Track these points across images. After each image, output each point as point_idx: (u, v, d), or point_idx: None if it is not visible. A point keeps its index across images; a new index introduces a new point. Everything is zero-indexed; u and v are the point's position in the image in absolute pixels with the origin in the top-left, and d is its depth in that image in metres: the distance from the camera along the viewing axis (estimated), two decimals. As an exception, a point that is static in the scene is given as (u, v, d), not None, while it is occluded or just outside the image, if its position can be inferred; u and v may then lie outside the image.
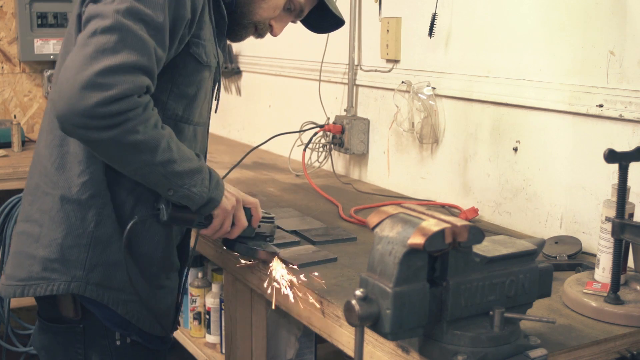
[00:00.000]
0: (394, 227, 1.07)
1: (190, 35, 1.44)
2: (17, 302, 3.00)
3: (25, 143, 3.34)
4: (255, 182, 2.50)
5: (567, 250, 1.67)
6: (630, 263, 1.43)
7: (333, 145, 2.55)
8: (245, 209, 1.55)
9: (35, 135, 3.51)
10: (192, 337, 2.62)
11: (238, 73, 3.33)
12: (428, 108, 2.17)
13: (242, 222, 1.54)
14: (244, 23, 1.60)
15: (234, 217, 1.52)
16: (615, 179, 1.35)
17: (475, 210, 1.99)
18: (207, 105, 1.60)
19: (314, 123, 2.57)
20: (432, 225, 1.03)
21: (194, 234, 1.81)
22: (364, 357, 1.31)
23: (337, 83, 2.64)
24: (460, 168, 2.12)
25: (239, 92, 3.36)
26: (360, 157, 2.57)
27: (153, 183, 1.40)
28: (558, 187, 1.83)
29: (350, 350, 1.39)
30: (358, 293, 1.04)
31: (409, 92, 2.22)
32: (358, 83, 2.55)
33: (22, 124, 3.46)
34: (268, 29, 1.64)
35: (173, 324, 1.67)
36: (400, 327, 1.04)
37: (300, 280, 1.52)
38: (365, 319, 1.04)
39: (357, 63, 2.53)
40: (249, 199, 1.56)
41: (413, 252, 1.03)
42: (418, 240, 1.02)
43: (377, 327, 1.05)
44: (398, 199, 2.23)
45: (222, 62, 1.61)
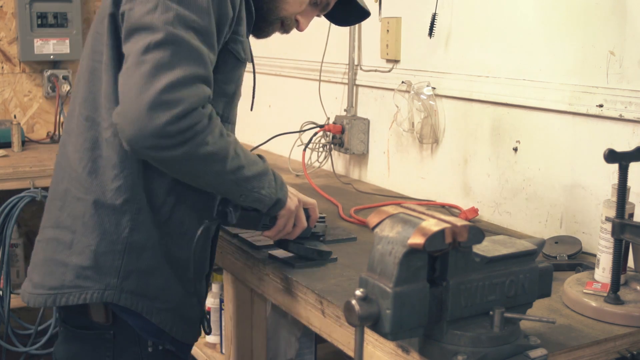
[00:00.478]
0: (394, 227, 1.07)
1: (231, 32, 1.42)
2: (17, 302, 3.00)
3: (25, 143, 3.34)
4: (255, 182, 2.49)
5: (567, 250, 1.67)
6: (630, 263, 1.43)
7: (333, 145, 2.55)
8: (304, 210, 1.57)
9: (35, 135, 3.52)
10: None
11: (238, 73, 3.32)
12: (428, 108, 2.17)
13: (302, 222, 1.55)
14: (271, 19, 1.57)
15: (296, 217, 1.53)
16: (615, 179, 1.35)
17: (475, 210, 1.99)
18: (238, 104, 1.58)
19: (314, 123, 2.57)
20: (432, 225, 1.03)
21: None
22: (364, 357, 1.31)
23: (337, 83, 2.64)
24: (460, 168, 2.12)
25: (239, 92, 3.36)
26: (360, 157, 2.57)
27: (224, 191, 1.40)
28: (558, 187, 1.83)
29: (350, 350, 1.39)
30: (358, 293, 1.04)
31: (409, 92, 2.22)
32: (358, 83, 2.55)
33: (22, 124, 3.46)
34: (294, 24, 1.61)
35: (200, 332, 1.62)
36: (400, 327, 1.04)
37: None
38: (365, 319, 1.04)
39: (357, 63, 2.53)
40: (308, 200, 1.58)
41: (413, 252, 1.03)
42: (418, 240, 1.02)
43: (377, 327, 1.05)
44: (398, 199, 2.23)
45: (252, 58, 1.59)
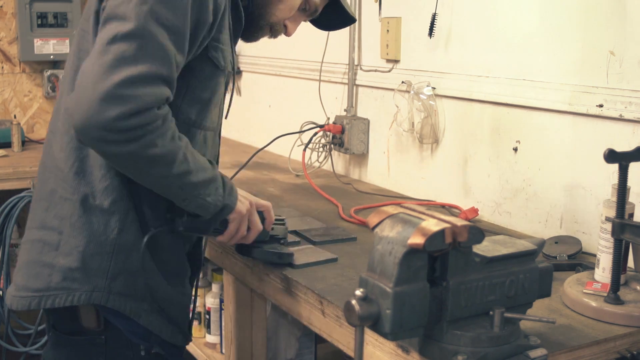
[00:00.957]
0: (394, 227, 1.07)
1: (210, 39, 1.40)
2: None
3: (25, 143, 3.34)
4: (255, 182, 2.50)
5: (567, 250, 1.67)
6: (630, 263, 1.43)
7: (333, 145, 2.55)
8: (258, 213, 1.53)
9: (36, 135, 3.52)
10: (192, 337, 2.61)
11: (238, 73, 3.33)
12: (428, 108, 2.17)
13: (257, 225, 1.51)
14: (261, 24, 1.57)
15: (249, 221, 1.49)
16: (615, 179, 1.35)
17: (475, 210, 1.99)
18: (218, 111, 1.55)
19: (314, 123, 2.57)
20: (432, 225, 1.03)
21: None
22: (364, 357, 1.31)
23: (337, 83, 2.64)
24: (460, 168, 2.12)
25: (239, 92, 3.36)
26: (360, 157, 2.57)
27: (168, 193, 1.37)
28: (558, 187, 1.83)
29: (350, 350, 1.39)
30: (358, 293, 1.04)
31: (409, 92, 2.22)
32: (358, 83, 2.55)
33: (22, 124, 3.46)
34: (282, 30, 1.61)
35: (189, 335, 1.62)
36: (400, 327, 1.04)
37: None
38: (365, 319, 1.04)
39: (357, 63, 2.53)
40: (262, 202, 1.54)
41: (413, 252, 1.03)
42: (418, 240, 1.02)
43: (377, 327, 1.05)
44: (398, 199, 2.23)
45: (236, 66, 1.58)
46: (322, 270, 1.59)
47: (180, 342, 1.54)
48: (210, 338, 2.52)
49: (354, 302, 1.04)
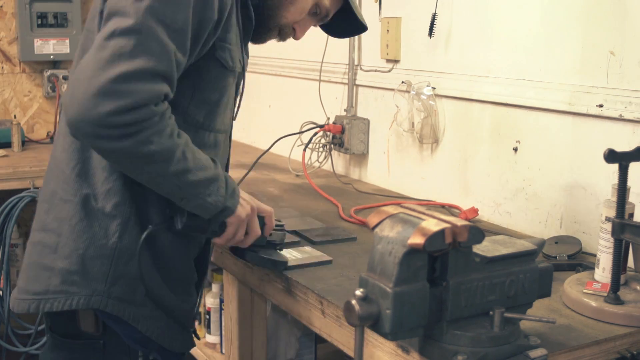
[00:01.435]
0: (394, 227, 1.07)
1: (216, 38, 1.37)
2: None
3: (25, 143, 3.34)
4: (255, 182, 2.50)
5: (567, 250, 1.67)
6: (630, 263, 1.43)
7: (333, 145, 2.55)
8: (259, 218, 1.50)
9: (36, 135, 3.52)
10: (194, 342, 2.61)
11: (238, 73, 3.33)
12: (428, 108, 2.17)
13: (255, 231, 1.48)
14: (270, 26, 1.54)
15: (248, 225, 1.47)
16: (615, 179, 1.35)
17: (475, 210, 1.99)
18: (230, 112, 1.52)
19: (314, 123, 2.57)
20: (432, 225, 1.03)
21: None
22: (364, 357, 1.31)
23: (337, 83, 2.64)
24: (460, 168, 2.12)
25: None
26: (360, 157, 2.57)
27: (166, 192, 1.34)
28: (558, 187, 1.83)
29: (350, 350, 1.39)
30: (358, 293, 1.04)
31: (409, 92, 2.22)
32: (358, 83, 2.55)
33: (22, 124, 3.46)
34: (291, 33, 1.59)
35: (193, 340, 1.60)
36: (400, 327, 1.04)
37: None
38: (365, 319, 1.04)
39: (357, 63, 2.54)
40: (264, 208, 1.51)
41: (413, 252, 1.03)
42: (418, 240, 1.02)
43: (377, 327, 1.05)
44: (398, 199, 2.23)
45: (246, 66, 1.55)
46: (322, 270, 1.59)
47: (180, 348, 1.51)
48: (210, 338, 2.52)
49: (354, 302, 1.04)
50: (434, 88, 2.17)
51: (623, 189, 1.34)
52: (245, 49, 1.53)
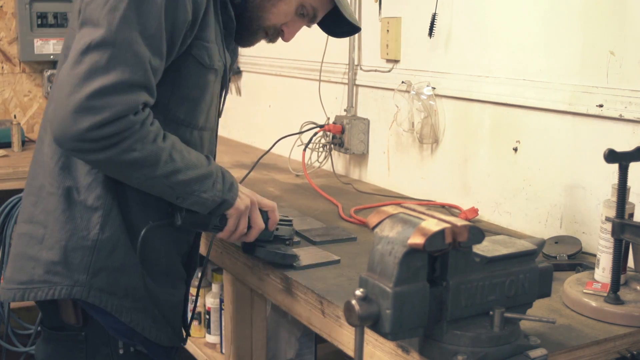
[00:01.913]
0: (394, 227, 1.07)
1: (193, 37, 1.40)
2: (17, 302, 2.99)
3: (25, 143, 3.34)
4: (255, 182, 2.50)
5: (567, 250, 1.67)
6: (630, 263, 1.43)
7: (333, 145, 2.55)
8: (262, 212, 1.51)
9: (36, 135, 3.51)
10: (192, 337, 2.61)
11: (238, 73, 3.33)
12: (428, 108, 2.17)
13: (258, 223, 1.50)
14: (253, 28, 1.54)
15: (250, 218, 1.48)
16: (615, 179, 1.35)
17: (475, 210, 1.99)
18: (214, 110, 1.54)
19: (314, 123, 2.57)
20: (432, 225, 1.03)
21: (203, 243, 1.80)
22: (364, 357, 1.31)
23: (337, 83, 2.64)
24: (460, 168, 2.12)
25: (239, 92, 3.36)
26: (360, 157, 2.57)
27: (160, 193, 1.38)
28: (558, 187, 1.83)
29: (350, 350, 1.39)
30: (358, 293, 1.04)
31: (409, 92, 2.22)
32: (358, 83, 2.55)
33: (22, 124, 3.46)
34: (279, 34, 1.58)
35: (181, 335, 1.61)
36: (400, 327, 1.04)
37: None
38: (365, 319, 1.04)
39: (357, 63, 2.53)
40: (266, 202, 1.52)
41: (413, 252, 1.03)
42: (418, 240, 1.02)
43: (377, 327, 1.05)
44: (398, 199, 2.23)
45: (230, 64, 1.55)
46: (322, 271, 1.59)
47: (166, 342, 1.52)
48: (210, 338, 2.52)
49: (354, 302, 1.04)
50: (434, 88, 2.17)
51: (623, 189, 1.34)
52: (229, 48, 1.53)
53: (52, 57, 3.47)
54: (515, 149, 1.94)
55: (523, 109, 1.91)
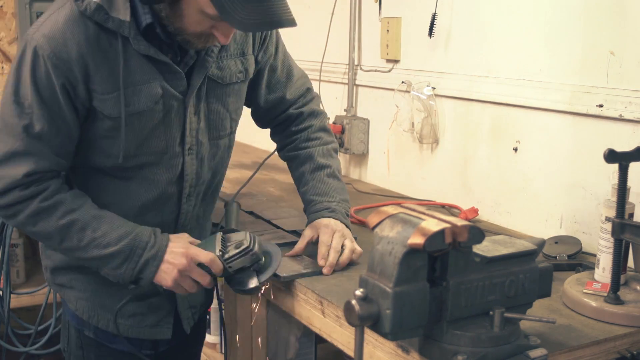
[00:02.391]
0: (394, 227, 1.07)
1: (90, 94, 1.40)
2: (17, 302, 3.00)
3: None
4: (255, 182, 2.50)
5: (567, 250, 1.67)
6: (630, 263, 1.43)
7: (333, 145, 2.55)
8: (204, 266, 1.46)
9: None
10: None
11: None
12: (428, 108, 2.17)
13: (202, 280, 1.46)
14: (180, 40, 1.42)
15: (191, 278, 1.46)
16: (615, 179, 1.35)
17: (475, 210, 1.99)
18: (164, 136, 1.50)
19: (314, 123, 2.57)
20: (432, 225, 1.03)
21: None
22: (364, 357, 1.31)
23: (337, 83, 2.64)
24: (460, 168, 2.12)
25: (239, 92, 3.36)
26: (360, 157, 2.57)
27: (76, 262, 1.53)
28: (558, 187, 1.83)
29: (350, 350, 1.39)
30: (358, 293, 1.04)
31: (409, 92, 2.22)
32: (358, 83, 2.55)
33: (22, 124, 3.45)
34: (212, 40, 1.43)
35: (166, 330, 1.64)
36: (400, 327, 1.04)
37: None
38: (365, 319, 1.04)
39: (357, 63, 2.53)
40: (203, 257, 1.45)
41: (413, 252, 1.03)
42: (418, 240, 1.02)
43: (377, 327, 1.05)
44: (398, 199, 2.23)
45: (193, 86, 1.49)
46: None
47: (123, 331, 1.60)
48: (210, 338, 2.52)
49: (354, 302, 1.04)
50: (434, 88, 2.17)
51: (623, 189, 1.34)
52: (183, 62, 1.48)
53: (52, 57, 3.46)
54: (515, 149, 1.94)
55: (523, 109, 1.91)
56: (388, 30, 2.34)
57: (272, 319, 1.97)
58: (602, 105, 1.68)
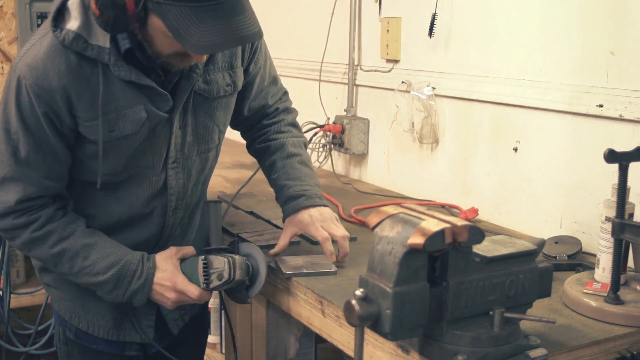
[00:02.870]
0: (394, 227, 1.07)
1: (79, 120, 1.41)
2: (17, 302, 3.00)
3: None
4: (256, 182, 2.49)
5: (567, 250, 1.67)
6: (630, 263, 1.43)
7: (333, 145, 2.55)
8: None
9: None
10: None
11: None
12: (428, 108, 2.17)
13: (190, 299, 1.51)
14: (160, 63, 1.42)
15: (180, 300, 1.52)
16: (615, 179, 1.35)
17: (475, 210, 1.99)
18: (144, 153, 1.50)
19: (314, 123, 2.57)
20: (432, 225, 1.03)
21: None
22: (364, 357, 1.31)
23: (337, 83, 2.64)
24: (460, 168, 2.12)
25: (239, 92, 3.36)
26: (360, 157, 2.57)
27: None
28: (558, 187, 1.83)
29: (350, 350, 1.39)
30: (358, 293, 1.04)
31: (409, 92, 2.22)
32: (358, 83, 2.55)
33: (22, 124, 3.45)
34: (189, 58, 1.41)
35: (147, 333, 1.64)
36: (400, 327, 1.04)
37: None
38: (365, 319, 1.04)
39: (357, 63, 2.53)
40: (190, 294, 1.50)
41: (413, 252, 1.03)
42: (418, 240, 1.02)
43: (377, 327, 1.05)
44: (398, 199, 2.23)
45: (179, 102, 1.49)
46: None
47: (101, 334, 1.61)
48: (210, 338, 2.52)
49: (354, 302, 1.04)
50: (434, 88, 2.17)
51: (623, 189, 1.34)
52: (172, 83, 1.48)
53: (52, 57, 3.46)
54: (515, 149, 1.94)
55: (523, 109, 1.91)
56: (388, 30, 2.34)
57: (272, 319, 1.97)
58: (602, 105, 1.68)
